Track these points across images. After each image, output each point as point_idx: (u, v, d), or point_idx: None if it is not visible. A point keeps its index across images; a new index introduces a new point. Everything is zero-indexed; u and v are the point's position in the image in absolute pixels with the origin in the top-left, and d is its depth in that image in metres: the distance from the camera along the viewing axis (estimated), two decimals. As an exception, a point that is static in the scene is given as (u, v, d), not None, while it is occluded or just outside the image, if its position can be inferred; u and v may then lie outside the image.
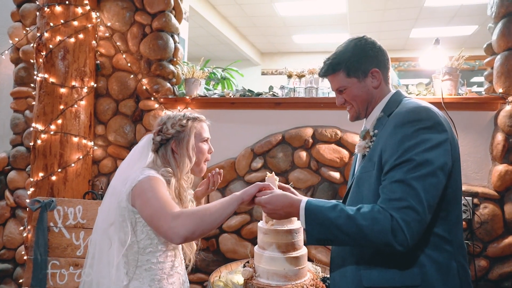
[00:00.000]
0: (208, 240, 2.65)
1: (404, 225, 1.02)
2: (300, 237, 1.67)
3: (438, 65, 2.31)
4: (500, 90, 2.20)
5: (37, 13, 2.76)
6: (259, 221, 1.81)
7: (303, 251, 1.69)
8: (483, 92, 2.35)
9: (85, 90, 2.71)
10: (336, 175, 2.46)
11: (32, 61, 2.94)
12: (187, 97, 2.75)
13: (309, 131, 2.52)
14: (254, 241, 2.40)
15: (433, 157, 1.06)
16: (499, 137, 2.20)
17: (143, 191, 1.29)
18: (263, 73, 9.02)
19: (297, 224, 1.68)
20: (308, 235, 1.14)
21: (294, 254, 1.65)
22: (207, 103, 2.74)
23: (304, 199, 1.17)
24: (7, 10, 3.17)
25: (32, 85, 2.99)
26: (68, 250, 2.32)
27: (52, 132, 2.61)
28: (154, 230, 1.31)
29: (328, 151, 2.48)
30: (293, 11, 6.04)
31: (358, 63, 1.26)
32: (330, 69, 1.30)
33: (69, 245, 2.32)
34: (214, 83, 3.78)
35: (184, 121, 1.47)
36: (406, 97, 1.29)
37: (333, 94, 2.58)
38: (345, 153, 2.47)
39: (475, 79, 7.56)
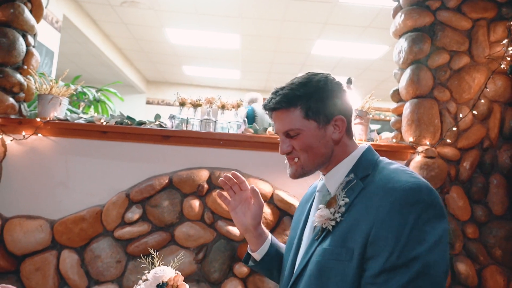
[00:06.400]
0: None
1: None
2: None
3: (353, 106, 2.10)
4: (411, 139, 2.07)
5: None
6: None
7: None
8: (394, 140, 2.22)
9: None
10: (236, 230, 1.94)
11: None
12: (39, 120, 2.00)
13: (204, 174, 2.02)
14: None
15: (438, 258, 0.76)
16: (409, 189, 2.04)
17: None
18: (148, 102, 8.32)
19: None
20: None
21: None
22: (68, 130, 2.02)
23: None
24: None
25: None
26: None
27: None
28: None
29: (226, 199, 1.99)
30: (186, 40, 5.67)
31: (322, 103, 0.93)
32: (284, 101, 0.94)
33: None
34: (84, 105, 3.03)
35: None
36: (380, 157, 0.97)
37: (235, 130, 2.15)
38: (246, 202, 2.02)
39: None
